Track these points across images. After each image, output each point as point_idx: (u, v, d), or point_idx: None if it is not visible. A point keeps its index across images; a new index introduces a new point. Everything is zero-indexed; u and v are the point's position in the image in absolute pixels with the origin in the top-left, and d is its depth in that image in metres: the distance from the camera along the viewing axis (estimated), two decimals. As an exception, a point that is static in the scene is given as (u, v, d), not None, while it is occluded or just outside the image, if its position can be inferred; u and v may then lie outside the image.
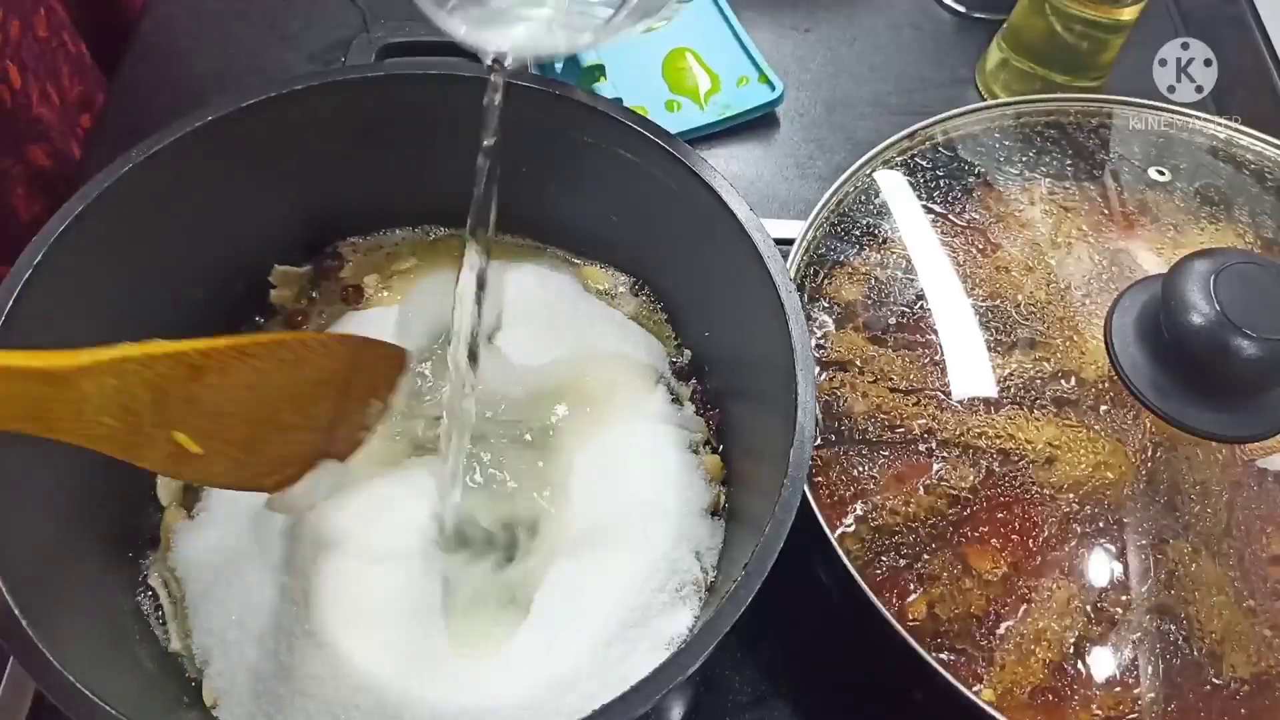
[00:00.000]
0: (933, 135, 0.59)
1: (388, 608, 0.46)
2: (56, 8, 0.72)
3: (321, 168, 0.53)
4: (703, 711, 0.52)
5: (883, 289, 0.54)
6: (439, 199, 0.56)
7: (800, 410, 0.42)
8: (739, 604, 0.37)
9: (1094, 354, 0.49)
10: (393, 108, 0.51)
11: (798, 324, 0.44)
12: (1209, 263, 0.45)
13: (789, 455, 0.41)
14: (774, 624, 0.53)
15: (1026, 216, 0.56)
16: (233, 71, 0.75)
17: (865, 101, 0.78)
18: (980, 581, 0.45)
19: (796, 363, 0.43)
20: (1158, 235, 0.55)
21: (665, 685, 0.36)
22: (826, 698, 0.54)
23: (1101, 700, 0.43)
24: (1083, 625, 0.44)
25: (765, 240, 0.46)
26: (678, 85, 0.76)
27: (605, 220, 0.55)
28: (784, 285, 0.44)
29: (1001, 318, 0.51)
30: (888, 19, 0.83)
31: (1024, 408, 0.49)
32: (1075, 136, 0.60)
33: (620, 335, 0.55)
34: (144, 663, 0.45)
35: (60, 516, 0.45)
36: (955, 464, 0.48)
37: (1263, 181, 0.58)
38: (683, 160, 0.48)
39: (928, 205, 0.56)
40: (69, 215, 0.44)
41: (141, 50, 0.76)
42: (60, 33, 0.72)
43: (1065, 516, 0.46)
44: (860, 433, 0.49)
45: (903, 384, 0.50)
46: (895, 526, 0.47)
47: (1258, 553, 0.45)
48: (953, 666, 0.44)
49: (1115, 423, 0.48)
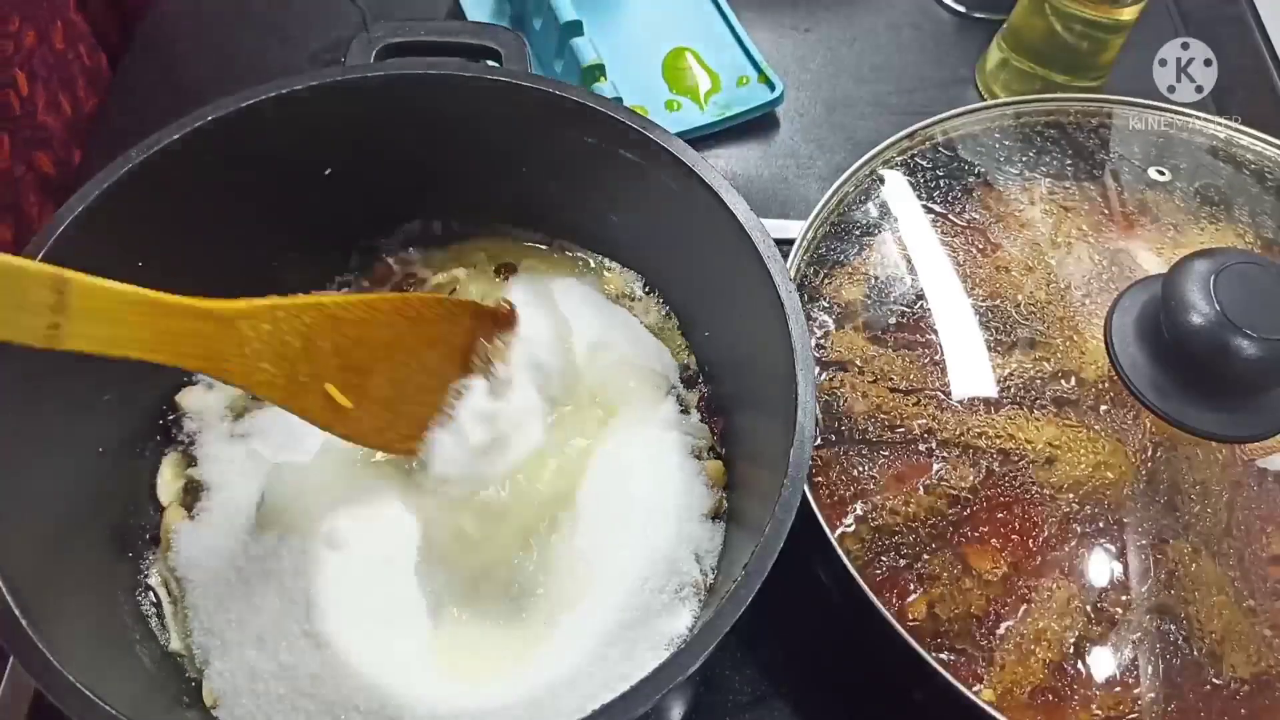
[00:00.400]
0: (933, 135, 0.59)
1: (388, 609, 0.46)
2: (76, 20, 0.73)
3: (327, 168, 0.53)
4: (703, 711, 0.52)
5: (883, 289, 0.54)
6: (446, 197, 0.56)
7: (800, 410, 0.42)
8: (739, 604, 0.37)
9: (1094, 354, 0.49)
10: (393, 108, 0.51)
11: (798, 323, 0.44)
12: (1209, 263, 0.45)
13: (789, 455, 0.41)
14: (774, 624, 0.53)
15: (1026, 216, 0.56)
16: (233, 71, 0.75)
17: (865, 101, 0.78)
18: (980, 581, 0.45)
19: (797, 362, 0.43)
20: (1158, 235, 0.55)
21: (666, 685, 0.36)
22: (826, 698, 0.54)
23: (1101, 700, 0.43)
24: (1083, 625, 0.44)
25: (765, 239, 0.46)
26: (678, 85, 0.76)
27: (605, 220, 0.55)
28: (784, 284, 0.44)
29: (1001, 318, 0.51)
30: (888, 19, 0.83)
31: (1024, 408, 0.49)
32: (1075, 136, 0.60)
33: (637, 343, 0.55)
34: (144, 663, 0.45)
35: (60, 516, 0.45)
36: (955, 464, 0.48)
37: (1263, 181, 0.58)
38: (682, 160, 0.48)
39: (928, 205, 0.56)
40: (68, 217, 0.44)
41: (141, 50, 0.76)
42: (77, 45, 0.73)
43: (1065, 516, 0.46)
44: (860, 433, 0.49)
45: (903, 384, 0.50)
46: (895, 526, 0.47)
47: (1258, 553, 0.45)
48: (953, 666, 0.44)
49: (1115, 423, 0.48)
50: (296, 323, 0.41)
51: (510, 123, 0.51)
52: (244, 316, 0.40)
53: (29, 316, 0.33)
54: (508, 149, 0.53)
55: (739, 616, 0.37)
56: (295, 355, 0.42)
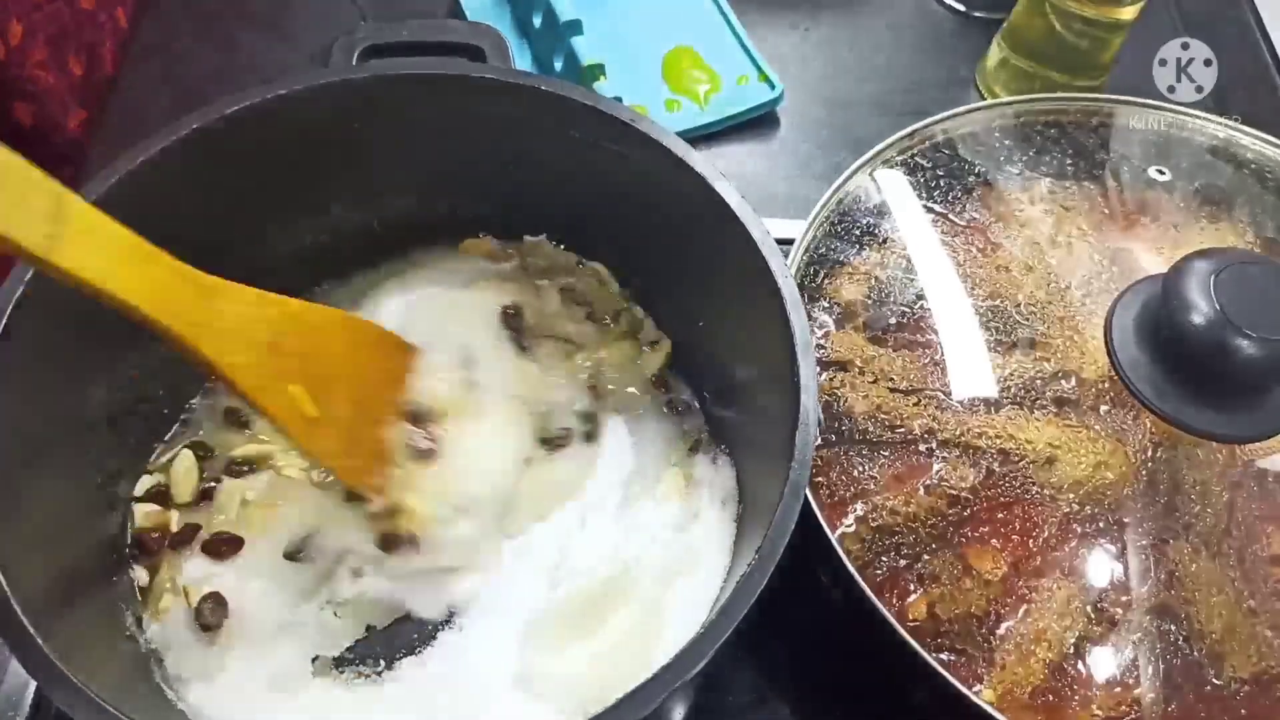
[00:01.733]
0: (933, 135, 0.59)
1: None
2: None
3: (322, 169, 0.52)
4: (703, 712, 0.52)
5: (883, 289, 0.54)
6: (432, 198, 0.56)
7: (803, 392, 0.41)
8: (753, 589, 0.37)
9: (1094, 354, 0.49)
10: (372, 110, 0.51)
11: (796, 310, 0.43)
12: (1209, 263, 0.45)
13: (794, 437, 0.40)
14: (774, 624, 0.53)
15: (1026, 216, 0.56)
16: (233, 71, 0.75)
17: (865, 101, 0.78)
18: (980, 581, 0.45)
19: (797, 347, 0.42)
20: (1158, 235, 0.55)
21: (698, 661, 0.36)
22: (826, 698, 0.54)
23: (1101, 700, 0.43)
24: (1083, 625, 0.44)
25: (764, 236, 0.46)
26: (678, 85, 0.76)
27: (604, 219, 0.55)
28: (780, 271, 0.44)
29: (1001, 318, 0.51)
30: (888, 19, 0.83)
31: (1024, 408, 0.49)
32: (1075, 136, 0.60)
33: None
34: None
35: (62, 515, 0.45)
36: (955, 464, 0.48)
37: (1263, 181, 0.58)
38: (682, 159, 0.48)
39: (928, 205, 0.56)
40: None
41: (141, 50, 0.76)
42: (113, 8, 0.72)
43: (1065, 516, 0.46)
44: (860, 433, 0.49)
45: (903, 384, 0.50)
46: (895, 526, 0.47)
47: (1258, 553, 0.45)
48: (953, 666, 0.44)
49: (1115, 423, 0.48)
50: (266, 313, 0.42)
51: (510, 121, 0.51)
52: (221, 292, 0.40)
53: (30, 216, 0.33)
54: (508, 148, 0.53)
55: (751, 604, 0.37)
56: (263, 347, 0.42)
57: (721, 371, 0.54)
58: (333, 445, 0.45)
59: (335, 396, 0.45)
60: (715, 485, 0.52)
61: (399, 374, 0.49)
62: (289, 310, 0.43)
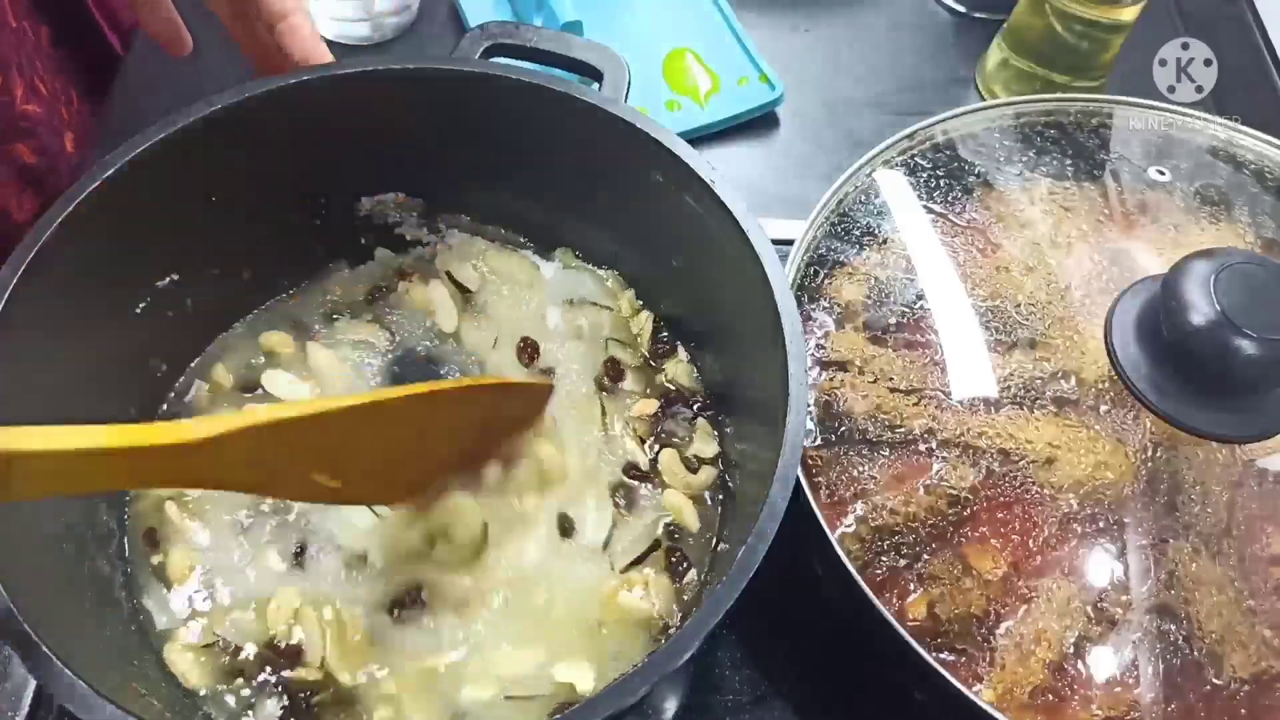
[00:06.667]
0: (933, 135, 0.59)
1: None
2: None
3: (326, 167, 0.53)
4: (703, 711, 0.52)
5: (883, 289, 0.54)
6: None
7: (792, 381, 0.41)
8: (744, 573, 0.37)
9: (1094, 354, 0.49)
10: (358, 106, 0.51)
11: (785, 297, 0.44)
12: (1209, 263, 0.45)
13: (784, 424, 0.40)
14: (773, 624, 0.53)
15: (1026, 216, 0.56)
16: (232, 71, 0.75)
17: (865, 101, 0.78)
18: (980, 581, 0.45)
19: (785, 333, 0.43)
20: (1158, 235, 0.55)
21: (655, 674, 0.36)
22: (826, 698, 0.54)
23: (1101, 700, 0.43)
24: (1083, 625, 0.44)
25: (761, 237, 0.46)
26: (678, 85, 0.76)
27: (604, 218, 0.55)
28: (766, 254, 0.45)
29: (1001, 318, 0.51)
30: (888, 19, 0.83)
31: (1024, 408, 0.49)
32: (1075, 136, 0.60)
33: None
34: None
35: (60, 516, 0.45)
36: (955, 464, 0.48)
37: (1263, 181, 0.58)
38: (681, 158, 0.48)
39: (928, 205, 0.56)
40: (58, 216, 0.43)
41: (141, 50, 0.76)
42: (22, 21, 0.70)
43: (1065, 516, 0.46)
44: (860, 433, 0.49)
45: (903, 384, 0.50)
46: (895, 526, 0.47)
47: (1258, 553, 0.45)
48: (953, 666, 0.44)
49: (1115, 423, 0.48)
50: (278, 436, 0.38)
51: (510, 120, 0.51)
52: (219, 443, 0.36)
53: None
54: (508, 147, 0.53)
55: (738, 596, 0.37)
56: (277, 459, 0.39)
57: (710, 359, 0.54)
58: (355, 493, 0.44)
59: (367, 459, 0.42)
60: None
61: (523, 410, 0.49)
62: (312, 422, 0.39)
